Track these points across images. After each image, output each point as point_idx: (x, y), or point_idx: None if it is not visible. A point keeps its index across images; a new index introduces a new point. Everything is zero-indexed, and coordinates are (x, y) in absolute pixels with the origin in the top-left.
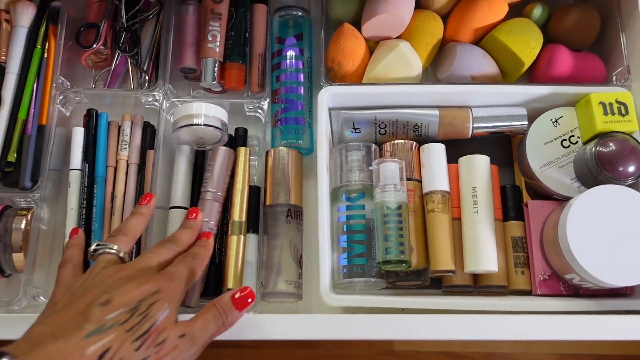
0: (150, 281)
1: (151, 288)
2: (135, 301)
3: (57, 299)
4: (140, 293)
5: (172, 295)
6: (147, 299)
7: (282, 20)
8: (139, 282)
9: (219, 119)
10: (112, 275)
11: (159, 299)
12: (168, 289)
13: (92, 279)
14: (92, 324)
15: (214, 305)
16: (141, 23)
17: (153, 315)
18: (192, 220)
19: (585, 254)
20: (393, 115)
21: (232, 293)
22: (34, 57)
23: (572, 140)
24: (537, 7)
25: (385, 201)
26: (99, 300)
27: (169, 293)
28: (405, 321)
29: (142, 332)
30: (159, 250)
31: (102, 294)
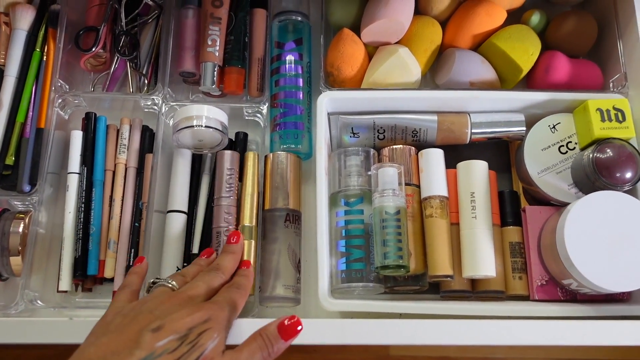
0: (201, 309)
1: (202, 316)
2: (185, 329)
3: (109, 319)
4: (191, 320)
5: (222, 325)
6: (198, 327)
7: (281, 25)
8: (191, 310)
9: (220, 122)
10: (164, 302)
11: (209, 328)
12: (218, 317)
13: (144, 304)
14: (143, 351)
15: (260, 335)
16: (140, 27)
17: (202, 344)
18: (234, 245)
19: (583, 260)
20: (392, 121)
21: (279, 322)
22: (33, 60)
23: (570, 146)
24: (535, 14)
25: (384, 206)
26: (151, 326)
27: (219, 322)
28: (403, 326)
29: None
30: (206, 277)
31: (155, 319)
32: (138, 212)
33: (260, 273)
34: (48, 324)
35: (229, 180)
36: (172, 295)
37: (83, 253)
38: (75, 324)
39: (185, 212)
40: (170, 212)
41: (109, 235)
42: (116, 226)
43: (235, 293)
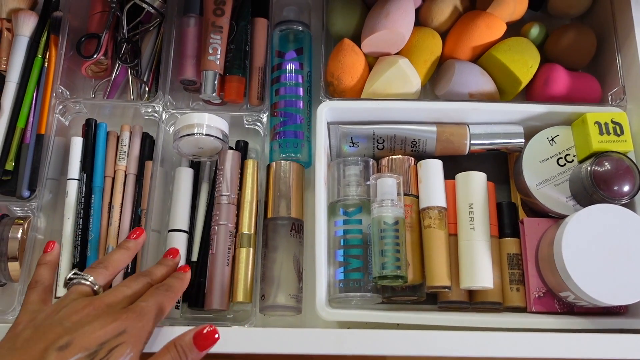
0: (116, 320)
1: (116, 328)
2: (96, 344)
3: (19, 328)
4: (104, 334)
5: (138, 337)
6: (110, 341)
7: (282, 34)
8: (104, 322)
9: (220, 130)
10: (78, 311)
11: (122, 342)
12: (134, 328)
13: (57, 312)
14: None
15: (174, 345)
16: (142, 34)
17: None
18: (170, 259)
19: (580, 272)
20: (391, 131)
21: (195, 331)
22: (34, 66)
23: (568, 158)
24: (535, 27)
25: (383, 216)
26: (58, 343)
27: (135, 334)
28: (400, 337)
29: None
30: (132, 283)
31: (64, 334)
32: (137, 218)
33: (261, 281)
34: None
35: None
36: (88, 303)
37: (81, 259)
38: None
39: (186, 231)
40: (172, 231)
41: (108, 241)
42: (115, 233)
43: (161, 295)
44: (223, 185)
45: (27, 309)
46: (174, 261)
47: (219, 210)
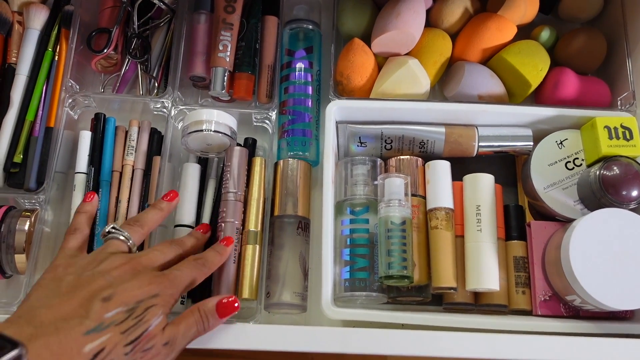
0: (152, 283)
1: (151, 290)
2: (134, 301)
3: (59, 271)
4: (141, 294)
5: (168, 302)
6: (145, 301)
7: (292, 32)
8: (142, 282)
9: (229, 127)
10: (118, 267)
11: (156, 304)
12: (166, 294)
13: (98, 263)
14: (92, 321)
15: (197, 309)
16: (152, 30)
17: (147, 320)
18: (200, 233)
19: (587, 276)
20: (399, 131)
21: (218, 300)
22: (44, 60)
23: (577, 162)
24: (545, 30)
25: (390, 216)
26: (102, 294)
27: (166, 299)
28: (405, 337)
29: (135, 337)
30: (165, 249)
31: (107, 287)
32: None
33: (267, 278)
34: None
35: (238, 176)
36: (127, 261)
37: (88, 253)
38: None
39: (192, 227)
40: (178, 226)
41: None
42: None
43: (197, 268)
44: (230, 182)
45: (66, 253)
46: (204, 236)
47: (225, 207)
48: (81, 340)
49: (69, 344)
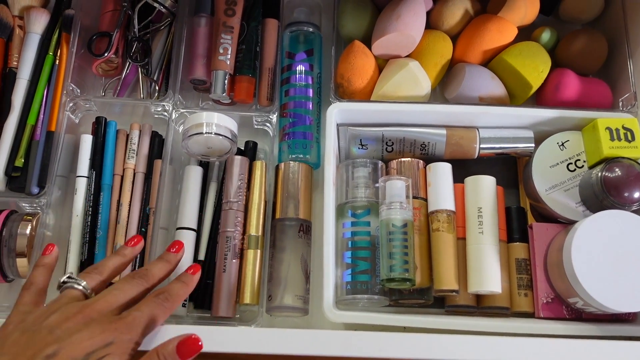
0: (105, 331)
1: (104, 339)
2: (83, 354)
3: (9, 329)
4: (91, 345)
5: (125, 348)
6: (97, 351)
7: (293, 35)
8: (93, 332)
9: (229, 130)
10: (69, 318)
11: (110, 353)
12: (122, 341)
13: (47, 317)
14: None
15: (156, 354)
16: (152, 34)
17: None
18: (172, 254)
19: (590, 279)
20: (401, 133)
21: (178, 341)
22: (45, 64)
23: (578, 164)
24: (546, 31)
25: (391, 219)
26: (46, 352)
27: (122, 346)
28: (407, 340)
29: None
30: (126, 286)
31: (52, 342)
32: (145, 217)
33: (268, 281)
34: None
35: (240, 186)
36: (79, 310)
37: (89, 256)
38: None
39: (194, 229)
40: (180, 229)
41: (116, 239)
42: (123, 230)
43: (157, 307)
44: (230, 192)
45: (19, 309)
46: (176, 257)
47: (225, 217)
48: None
49: None
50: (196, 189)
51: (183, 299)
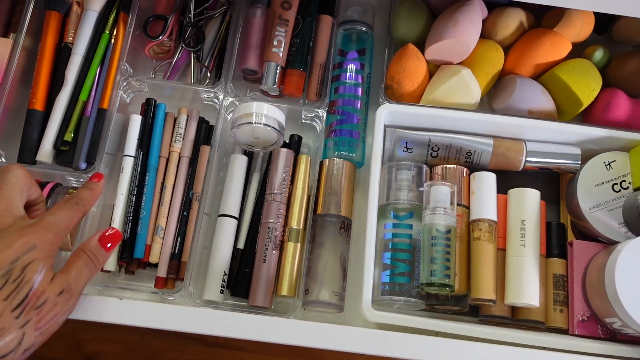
0: (23, 235)
1: (25, 245)
2: (7, 263)
3: None
4: (13, 252)
5: (49, 250)
6: (21, 259)
7: (346, 33)
8: (10, 240)
9: (278, 121)
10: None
11: (35, 259)
12: (44, 243)
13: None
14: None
15: (82, 251)
16: (206, 20)
17: (29, 279)
18: (96, 183)
19: (631, 300)
20: (448, 140)
21: (99, 235)
22: (101, 42)
23: (623, 185)
24: (599, 50)
25: (435, 224)
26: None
27: (45, 248)
28: (443, 345)
29: (20, 300)
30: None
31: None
32: (188, 201)
33: (306, 276)
34: (98, 302)
35: (284, 178)
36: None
37: (131, 236)
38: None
39: (236, 217)
40: (221, 216)
41: (158, 221)
42: (165, 213)
43: (70, 210)
44: (274, 183)
45: None
46: (99, 185)
47: (268, 208)
48: None
49: None
50: (240, 178)
51: (92, 203)
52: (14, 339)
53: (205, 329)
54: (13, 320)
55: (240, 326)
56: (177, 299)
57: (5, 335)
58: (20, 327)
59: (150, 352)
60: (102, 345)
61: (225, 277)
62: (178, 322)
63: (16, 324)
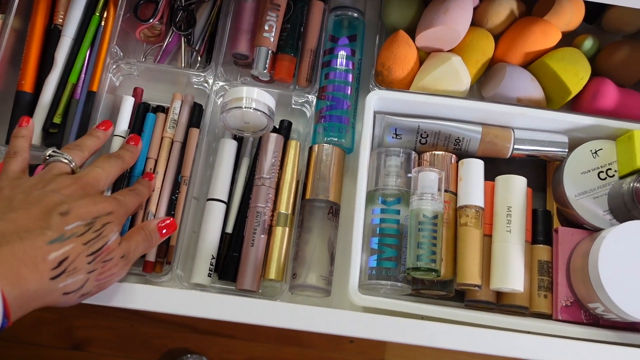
0: (105, 201)
1: (106, 208)
2: (91, 217)
3: (7, 193)
4: (97, 210)
5: (121, 220)
6: (102, 217)
7: (337, 19)
8: (95, 200)
9: (268, 106)
10: (68, 186)
11: (112, 221)
12: (119, 213)
13: (46, 184)
14: (54, 232)
15: (142, 229)
16: (197, 4)
17: (106, 235)
18: (133, 146)
19: (614, 286)
20: (437, 127)
21: (159, 221)
22: (91, 24)
23: (609, 173)
24: (588, 39)
25: (422, 209)
26: (59, 210)
27: (119, 217)
28: (429, 328)
29: (96, 249)
30: (106, 165)
31: (61, 203)
32: (177, 185)
33: (293, 260)
34: None
35: (273, 163)
36: (74, 181)
37: None
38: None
39: (225, 202)
40: (210, 200)
41: (149, 206)
42: (155, 200)
43: (133, 197)
44: (263, 168)
45: (8, 176)
46: (136, 148)
47: (257, 193)
48: (45, 248)
49: (33, 251)
50: (230, 162)
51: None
52: (80, 280)
53: (193, 311)
54: (85, 264)
55: (227, 308)
56: (165, 282)
57: (76, 274)
58: (88, 272)
59: (141, 338)
60: (92, 332)
61: (214, 260)
62: (165, 304)
63: (86, 268)
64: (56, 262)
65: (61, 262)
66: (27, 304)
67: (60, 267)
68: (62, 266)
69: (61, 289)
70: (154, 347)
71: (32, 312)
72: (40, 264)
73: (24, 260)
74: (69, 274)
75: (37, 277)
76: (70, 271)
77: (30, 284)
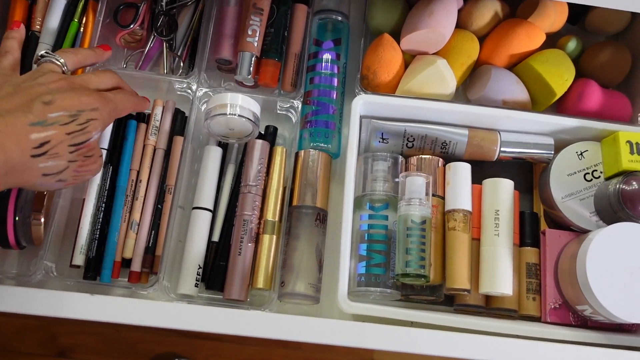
0: (91, 96)
1: (91, 103)
2: (75, 109)
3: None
4: (80, 104)
5: (106, 118)
6: (86, 112)
7: (321, 22)
8: (80, 94)
9: (253, 112)
10: (55, 81)
11: (96, 119)
12: (104, 110)
13: (34, 79)
14: (35, 117)
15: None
16: (179, 9)
17: (89, 131)
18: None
19: (602, 288)
20: (423, 130)
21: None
22: (69, 30)
23: (595, 174)
24: (572, 41)
25: (410, 215)
26: (43, 99)
27: (104, 115)
28: (419, 335)
29: (78, 142)
30: (100, 74)
31: (46, 93)
32: (162, 193)
33: (282, 268)
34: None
35: (259, 170)
36: (62, 77)
37: (97, 255)
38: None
39: (210, 210)
40: (196, 209)
41: (132, 216)
42: (139, 208)
43: (126, 98)
44: (249, 175)
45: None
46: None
47: (243, 201)
48: (27, 128)
49: (15, 128)
50: (215, 170)
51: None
52: (60, 165)
53: (180, 324)
54: (67, 153)
55: (215, 321)
56: (151, 293)
57: (57, 159)
58: (68, 160)
59: (127, 343)
60: (77, 338)
61: (200, 270)
62: (151, 318)
63: (68, 157)
64: (37, 142)
65: (42, 144)
66: (8, 176)
67: (41, 148)
68: (43, 147)
69: (41, 169)
70: (141, 352)
71: (15, 319)
72: (23, 140)
73: (6, 133)
74: (50, 156)
75: (19, 150)
76: (52, 154)
77: (14, 154)
